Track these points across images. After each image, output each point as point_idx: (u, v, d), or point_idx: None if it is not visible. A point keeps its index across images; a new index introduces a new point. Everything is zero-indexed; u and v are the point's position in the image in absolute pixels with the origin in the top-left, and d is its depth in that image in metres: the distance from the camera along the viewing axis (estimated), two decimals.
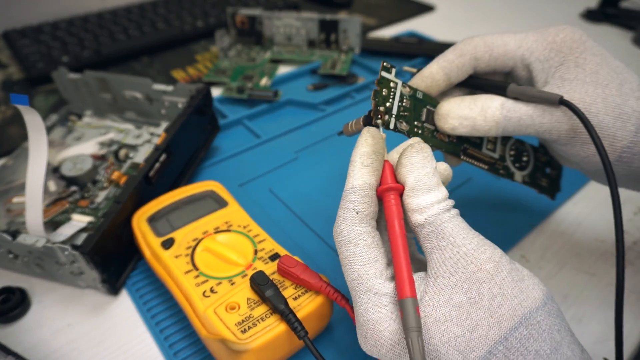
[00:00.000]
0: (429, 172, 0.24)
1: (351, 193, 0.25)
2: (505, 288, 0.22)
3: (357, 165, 0.25)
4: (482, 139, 0.32)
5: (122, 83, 0.47)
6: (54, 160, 0.44)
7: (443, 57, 0.30)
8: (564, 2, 0.83)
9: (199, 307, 0.28)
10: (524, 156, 0.34)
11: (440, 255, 0.23)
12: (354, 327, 0.32)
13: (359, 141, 0.26)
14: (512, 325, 0.21)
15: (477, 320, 0.21)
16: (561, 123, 0.28)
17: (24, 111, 0.31)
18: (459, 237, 0.23)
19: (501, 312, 0.21)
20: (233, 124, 0.52)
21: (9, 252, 0.34)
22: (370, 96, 0.56)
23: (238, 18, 0.63)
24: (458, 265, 0.22)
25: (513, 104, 0.28)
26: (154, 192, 0.37)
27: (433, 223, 0.23)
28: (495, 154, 0.33)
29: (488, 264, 0.22)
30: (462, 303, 0.22)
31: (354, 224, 0.24)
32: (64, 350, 0.31)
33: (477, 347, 0.21)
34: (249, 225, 0.34)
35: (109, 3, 0.77)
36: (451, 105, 0.29)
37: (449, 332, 0.21)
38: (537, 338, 0.21)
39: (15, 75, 0.62)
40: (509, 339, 0.21)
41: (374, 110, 0.27)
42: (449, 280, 0.22)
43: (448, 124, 0.29)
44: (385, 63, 0.28)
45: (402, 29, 0.74)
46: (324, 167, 0.46)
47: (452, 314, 0.22)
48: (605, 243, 0.38)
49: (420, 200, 0.24)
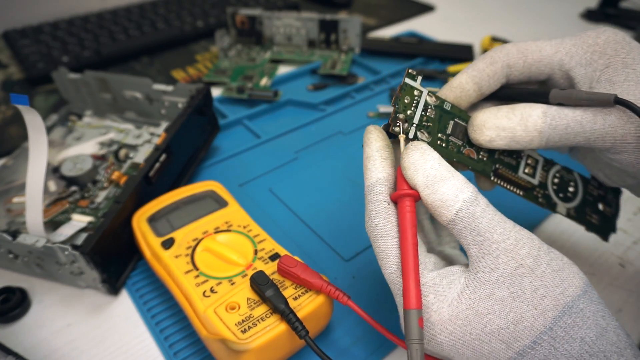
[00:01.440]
0: (433, 164, 0.24)
1: (378, 186, 0.25)
2: (546, 280, 0.22)
3: (377, 159, 0.25)
4: (519, 161, 0.29)
5: (122, 83, 0.47)
6: (54, 160, 0.44)
7: (473, 67, 0.28)
8: (564, 2, 0.83)
9: (199, 307, 0.28)
10: (570, 186, 0.31)
11: (479, 251, 0.23)
12: (354, 327, 0.32)
13: (370, 138, 0.26)
14: (556, 315, 0.21)
15: (520, 312, 0.22)
16: (616, 127, 0.25)
17: (24, 111, 0.31)
18: (496, 233, 0.22)
19: (545, 303, 0.22)
20: (233, 124, 0.52)
21: (9, 252, 0.34)
22: (369, 96, 0.56)
23: (238, 18, 0.63)
24: (498, 261, 0.22)
25: (557, 110, 0.25)
26: (154, 192, 0.37)
27: (465, 219, 0.23)
28: (535, 179, 0.30)
29: (528, 259, 0.22)
30: (505, 297, 0.22)
31: (388, 215, 0.24)
32: (64, 350, 0.31)
33: (521, 337, 0.22)
34: (249, 225, 0.34)
35: (109, 3, 0.77)
36: (487, 115, 0.26)
37: (492, 324, 0.22)
38: (582, 325, 0.21)
39: (15, 75, 0.62)
40: (553, 329, 0.21)
41: (393, 117, 0.26)
42: (490, 276, 0.22)
43: (484, 136, 0.26)
44: (410, 70, 0.26)
45: (402, 29, 0.74)
46: (324, 167, 0.46)
47: (495, 308, 0.22)
48: (605, 243, 0.38)
49: (440, 194, 0.23)
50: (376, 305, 0.33)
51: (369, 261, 0.37)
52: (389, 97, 0.56)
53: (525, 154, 0.29)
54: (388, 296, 0.34)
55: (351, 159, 0.47)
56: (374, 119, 0.53)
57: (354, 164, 0.46)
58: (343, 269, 0.36)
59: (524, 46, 0.27)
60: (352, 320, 0.32)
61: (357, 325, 0.32)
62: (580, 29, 0.74)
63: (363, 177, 0.26)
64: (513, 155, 0.29)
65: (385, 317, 0.32)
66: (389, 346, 0.31)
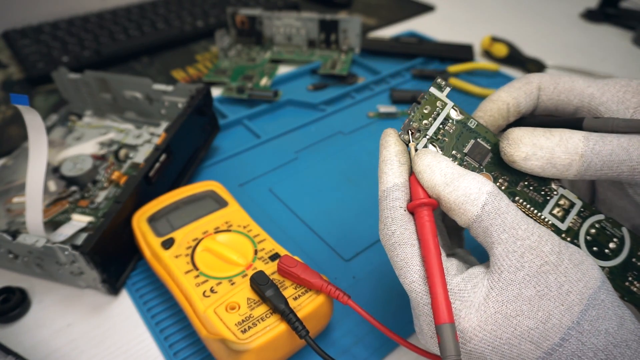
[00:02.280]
0: (448, 163, 0.23)
1: (395, 191, 0.24)
2: (570, 275, 0.22)
3: (395, 164, 0.24)
4: (548, 200, 0.26)
5: (122, 83, 0.47)
6: (54, 160, 0.44)
7: (509, 86, 0.27)
8: (564, 2, 0.83)
9: (199, 307, 0.28)
10: (612, 242, 0.26)
11: (504, 249, 0.22)
12: (354, 327, 0.32)
13: (388, 141, 0.25)
14: (582, 309, 0.21)
15: (549, 310, 0.21)
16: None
17: (24, 111, 0.31)
18: (521, 229, 0.22)
19: (571, 299, 0.21)
20: (233, 124, 0.52)
21: (9, 252, 0.34)
22: (369, 96, 0.56)
23: (238, 18, 0.63)
24: (524, 259, 0.22)
25: (600, 136, 0.23)
26: (154, 192, 0.37)
27: (491, 213, 0.22)
28: (564, 224, 0.26)
29: (551, 256, 0.22)
30: (532, 296, 0.22)
31: (404, 222, 0.23)
32: (64, 350, 0.31)
33: (550, 335, 0.21)
34: (249, 225, 0.34)
35: (109, 3, 0.77)
36: (524, 131, 0.24)
37: (522, 326, 0.21)
38: (605, 317, 0.21)
39: (15, 75, 0.62)
40: (581, 323, 0.21)
41: (406, 124, 0.25)
42: (516, 275, 0.22)
43: (520, 152, 0.23)
44: (439, 80, 0.25)
45: (402, 29, 0.74)
46: (324, 167, 0.46)
47: (524, 308, 0.21)
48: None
49: (463, 189, 0.22)
50: (376, 305, 0.33)
51: (369, 261, 0.37)
52: (389, 97, 0.56)
53: (559, 193, 0.26)
54: (388, 296, 0.34)
55: (351, 159, 0.47)
56: (374, 119, 0.53)
57: (354, 164, 0.46)
58: (343, 269, 0.36)
59: (557, 75, 0.27)
60: (353, 320, 0.32)
61: (357, 325, 0.32)
62: (581, 29, 0.74)
63: (363, 178, 0.26)
64: (541, 191, 0.26)
65: (386, 316, 0.32)
66: (390, 346, 0.31)
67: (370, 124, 0.52)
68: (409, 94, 0.55)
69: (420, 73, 0.60)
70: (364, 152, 0.48)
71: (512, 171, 0.26)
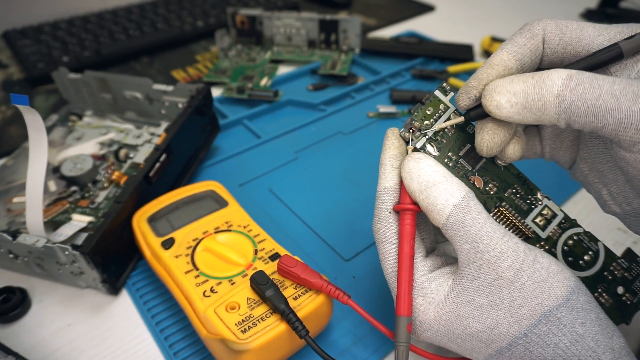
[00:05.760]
0: (427, 170, 0.24)
1: (383, 194, 0.26)
2: (525, 291, 0.23)
3: (387, 168, 0.26)
4: (532, 208, 0.27)
5: (122, 83, 0.47)
6: (54, 160, 0.44)
7: (512, 42, 0.24)
8: (564, 2, 0.83)
9: (199, 307, 0.28)
10: (587, 254, 0.27)
11: (465, 258, 0.24)
12: (354, 326, 0.32)
13: (386, 144, 0.27)
14: (531, 323, 0.23)
15: (497, 319, 0.23)
16: None
17: (24, 111, 0.31)
18: (482, 243, 0.23)
19: (521, 312, 0.23)
20: (233, 124, 0.52)
21: (9, 252, 0.34)
22: (369, 96, 0.56)
23: (238, 18, 0.63)
24: (481, 271, 0.23)
25: (591, 77, 0.20)
26: (154, 192, 0.37)
27: (455, 225, 0.23)
28: (544, 232, 0.27)
29: (508, 272, 0.23)
30: (484, 305, 0.23)
31: (388, 223, 0.26)
32: (64, 350, 0.31)
33: (498, 340, 0.23)
34: (249, 225, 0.34)
35: (109, 3, 0.77)
36: (502, 80, 0.22)
37: (471, 327, 0.24)
38: (557, 333, 0.22)
39: (15, 75, 0.62)
40: (528, 335, 0.23)
41: (407, 123, 0.26)
42: (472, 284, 0.24)
43: (493, 100, 0.22)
44: (444, 84, 0.26)
45: (402, 29, 0.74)
46: (324, 167, 0.46)
47: (474, 313, 0.24)
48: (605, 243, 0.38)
49: (432, 199, 0.24)
50: (376, 305, 0.33)
51: (369, 261, 0.37)
52: (389, 97, 0.56)
53: (544, 203, 0.27)
54: (388, 296, 0.34)
55: (351, 159, 0.47)
56: (373, 119, 0.53)
57: (354, 164, 0.46)
58: (343, 269, 0.36)
59: (564, 23, 0.24)
60: (353, 320, 0.32)
61: (357, 325, 0.32)
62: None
63: (363, 178, 0.27)
64: (527, 199, 0.27)
65: (386, 316, 0.32)
66: (390, 346, 0.31)
67: (370, 124, 0.52)
68: (409, 94, 0.55)
69: (420, 73, 0.60)
70: (364, 152, 0.48)
71: (503, 178, 0.27)
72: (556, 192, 0.42)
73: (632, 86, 0.20)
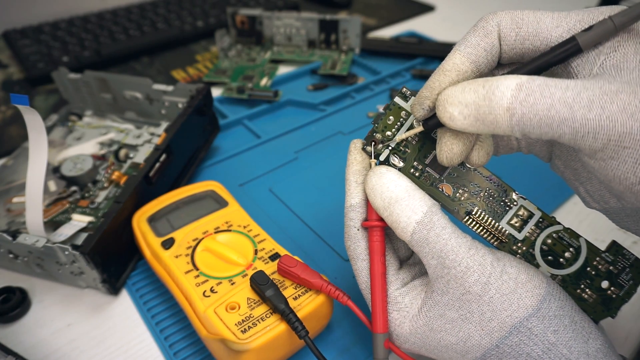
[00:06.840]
0: (389, 185, 0.24)
1: (350, 211, 0.26)
2: (494, 304, 0.23)
3: (352, 184, 0.26)
4: (507, 210, 0.26)
5: (122, 83, 0.47)
6: (54, 160, 0.44)
7: (465, 43, 0.22)
8: (564, 2, 0.83)
9: (199, 307, 0.28)
10: (567, 251, 0.26)
11: (433, 273, 0.24)
12: (354, 327, 0.32)
13: (349, 159, 0.26)
14: (502, 335, 0.23)
15: (469, 332, 0.24)
16: (615, 121, 0.18)
17: (24, 111, 0.31)
18: (448, 259, 0.23)
19: (491, 325, 0.23)
20: (233, 124, 0.52)
21: (9, 252, 0.34)
22: (368, 96, 0.56)
23: (238, 18, 0.63)
24: (449, 286, 0.23)
25: (542, 84, 0.19)
26: (154, 192, 0.37)
27: (419, 241, 0.23)
28: (520, 234, 0.26)
29: (476, 286, 0.23)
30: (455, 318, 0.24)
31: (357, 240, 0.26)
32: (64, 350, 0.31)
33: (471, 352, 0.24)
34: (249, 225, 0.34)
35: (109, 3, 0.77)
36: (454, 89, 0.21)
37: (445, 340, 0.24)
38: (528, 343, 0.23)
39: (15, 75, 0.62)
40: (500, 346, 0.23)
41: (368, 135, 0.25)
42: (442, 298, 0.24)
43: (446, 112, 0.21)
44: (404, 89, 0.25)
45: (402, 29, 0.74)
46: (324, 167, 0.46)
47: (447, 327, 0.24)
48: (605, 243, 0.38)
49: (395, 216, 0.24)
50: None
51: None
52: (389, 97, 0.56)
53: (519, 204, 0.26)
54: None
55: None
56: (373, 119, 0.52)
57: None
58: (343, 269, 0.36)
59: (520, 15, 0.22)
60: (352, 320, 0.32)
61: (357, 325, 0.32)
62: None
63: None
64: (501, 201, 0.26)
65: None
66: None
67: (370, 124, 0.52)
68: None
69: (420, 73, 0.60)
70: None
71: (473, 182, 0.26)
72: (556, 192, 0.42)
73: (587, 91, 0.18)
